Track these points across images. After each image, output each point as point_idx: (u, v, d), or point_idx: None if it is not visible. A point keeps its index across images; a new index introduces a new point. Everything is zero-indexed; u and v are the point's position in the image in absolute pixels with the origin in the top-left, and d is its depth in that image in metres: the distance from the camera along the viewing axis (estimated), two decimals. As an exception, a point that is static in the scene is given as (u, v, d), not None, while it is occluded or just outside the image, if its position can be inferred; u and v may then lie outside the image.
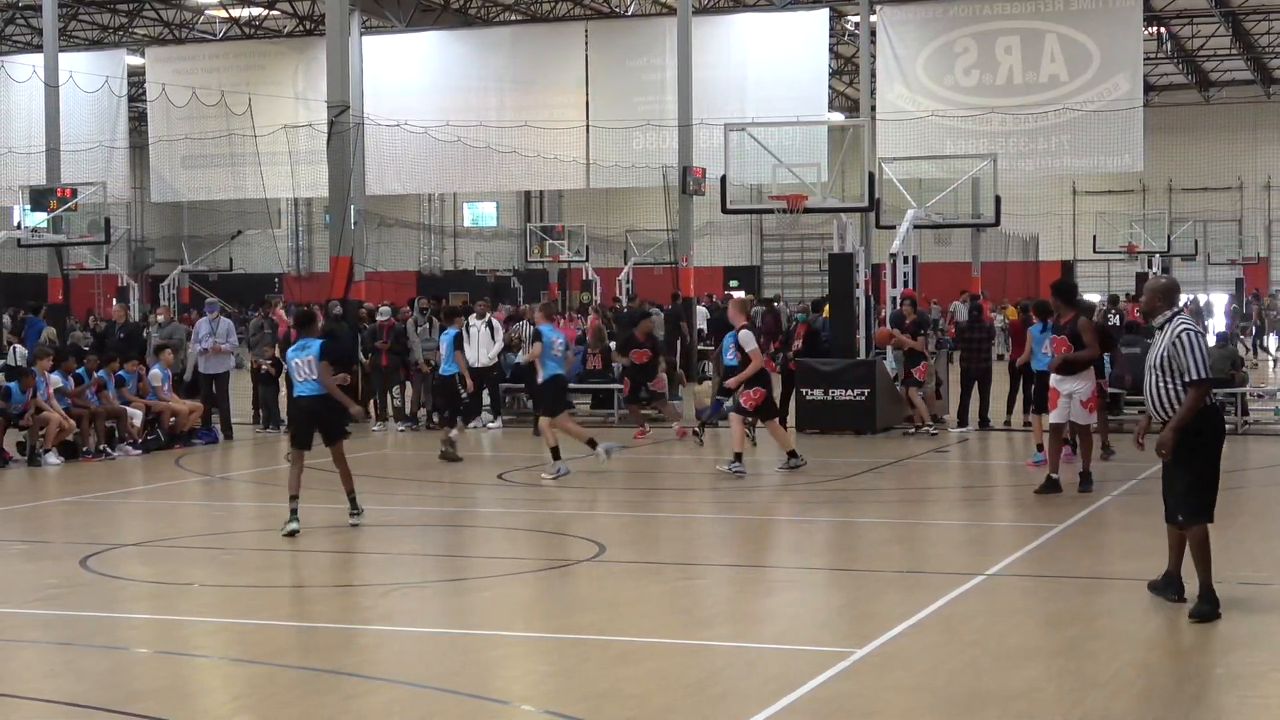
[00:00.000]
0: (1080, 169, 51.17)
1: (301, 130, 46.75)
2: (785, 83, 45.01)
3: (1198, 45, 61.85)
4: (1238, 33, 59.44)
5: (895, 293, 27.27)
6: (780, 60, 45.83)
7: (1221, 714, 8.92)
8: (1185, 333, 11.01)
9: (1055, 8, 46.48)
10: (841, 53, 59.63)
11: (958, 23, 47.22)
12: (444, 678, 9.74)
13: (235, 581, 13.49)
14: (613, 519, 17.39)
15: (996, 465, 22.44)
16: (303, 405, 16.20)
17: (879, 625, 11.02)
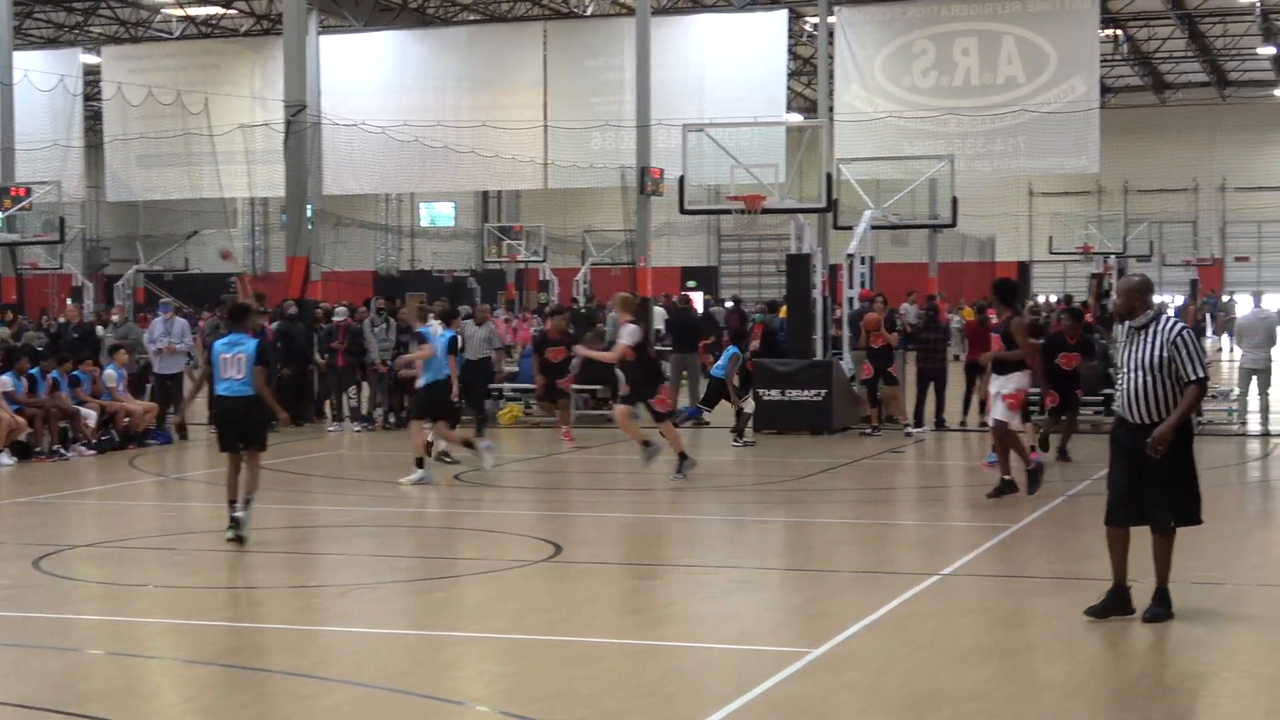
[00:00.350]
0: (1037, 170, 51.47)
1: (258, 130, 46.61)
2: (743, 83, 45.11)
3: (1154, 47, 62.21)
4: (1194, 35, 59.79)
5: (852, 293, 27.32)
6: (738, 61, 45.93)
7: (1174, 713, 8.96)
8: (1185, 332, 10.85)
9: (1013, 9, 46.69)
10: (800, 53, 59.74)
11: (915, 24, 47.39)
12: (398, 678, 9.72)
13: (189, 582, 13.42)
14: (568, 519, 17.37)
15: (952, 466, 22.51)
16: (230, 406, 15.03)
17: (834, 625, 11.04)
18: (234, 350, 14.93)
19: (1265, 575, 13.68)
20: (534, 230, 60.00)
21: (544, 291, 56.29)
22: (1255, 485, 20.15)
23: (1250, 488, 19.96)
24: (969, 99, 46.52)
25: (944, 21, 47.35)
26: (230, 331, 15.31)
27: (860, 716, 8.86)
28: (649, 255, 42.34)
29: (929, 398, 25.89)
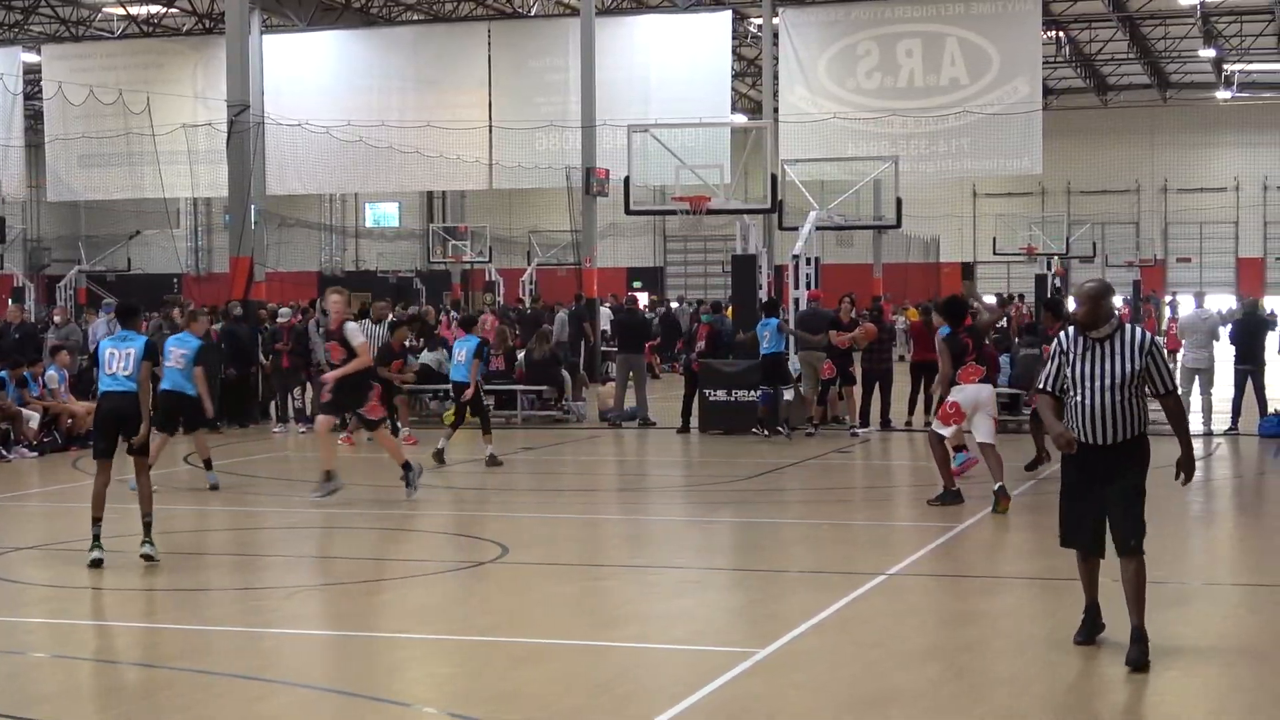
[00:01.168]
0: (980, 171, 51.66)
1: (201, 129, 46.32)
2: (688, 84, 45.14)
3: (1096, 49, 62.57)
4: (1135, 37, 60.19)
5: (798, 294, 27.40)
6: (683, 62, 45.95)
7: (1120, 710, 9.02)
8: (1155, 343, 10.07)
9: (956, 11, 46.87)
10: (744, 54, 59.84)
11: (859, 25, 47.54)
12: (346, 680, 9.69)
13: (134, 585, 13.33)
14: (516, 520, 17.34)
15: (897, 465, 22.58)
16: (112, 404, 14.43)
17: (782, 625, 11.06)
18: (124, 346, 14.40)
19: (1210, 574, 13.79)
20: (479, 231, 59.87)
21: (490, 292, 56.19)
22: (1198, 485, 20.28)
23: (1193, 488, 20.06)
24: (913, 100, 46.69)
25: (887, 23, 47.53)
26: (122, 329, 14.77)
27: (808, 716, 8.87)
28: (594, 256, 42.33)
29: (874, 398, 25.98)
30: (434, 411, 28.67)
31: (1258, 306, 30.16)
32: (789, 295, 27.82)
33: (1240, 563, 14.70)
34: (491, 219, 63.43)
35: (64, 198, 54.44)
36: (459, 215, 67.18)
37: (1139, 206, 70.92)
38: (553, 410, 28.26)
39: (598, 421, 27.91)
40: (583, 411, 28.53)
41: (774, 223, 36.95)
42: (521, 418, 27.89)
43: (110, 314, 26.53)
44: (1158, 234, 70.65)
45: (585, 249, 41.92)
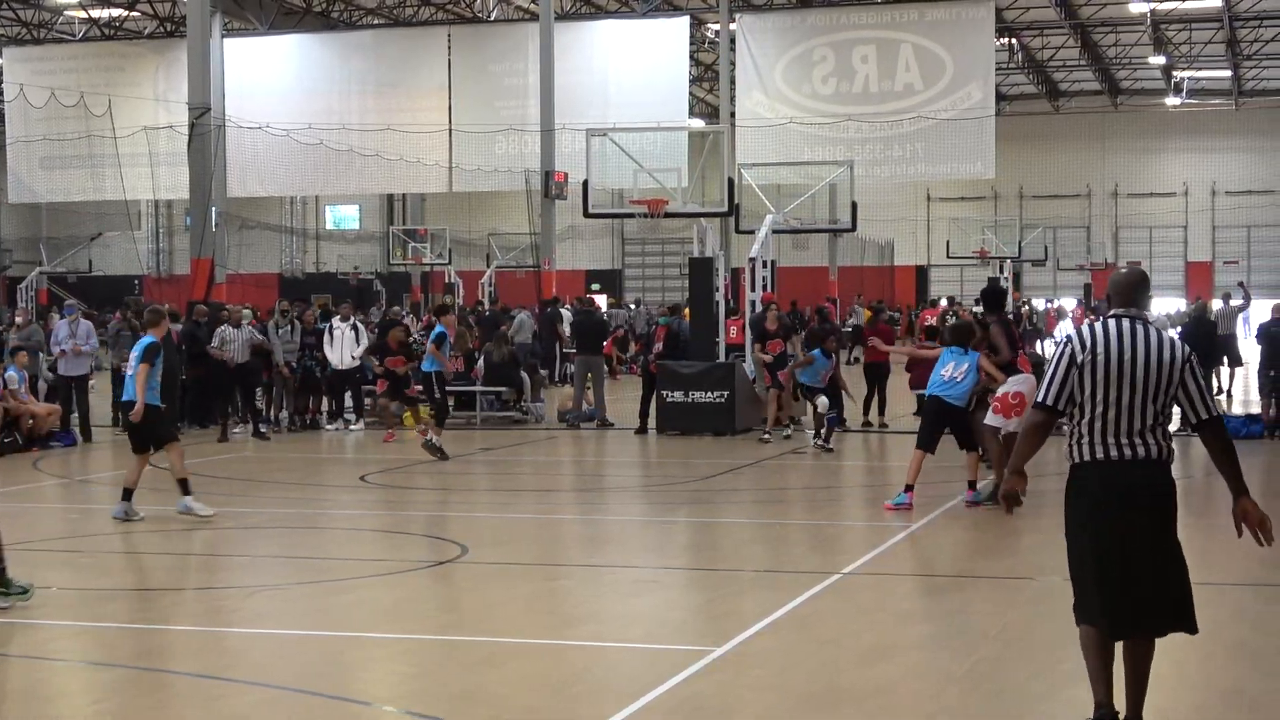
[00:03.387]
0: (934, 175, 51.89)
1: (162, 132, 46.24)
2: (646, 89, 45.24)
3: (1048, 56, 62.89)
4: (1086, 44, 60.50)
5: (754, 296, 27.46)
6: (641, 67, 46.06)
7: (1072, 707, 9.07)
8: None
9: (910, 18, 47.11)
10: (702, 60, 59.93)
11: (815, 32, 47.72)
12: (307, 679, 9.67)
13: (95, 584, 13.29)
14: (476, 520, 17.35)
15: (851, 466, 22.63)
16: None
17: (737, 624, 11.09)
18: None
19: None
20: (439, 233, 59.85)
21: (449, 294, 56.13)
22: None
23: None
24: (868, 105, 46.88)
25: (843, 29, 47.72)
26: None
27: (764, 714, 8.90)
28: (554, 258, 42.35)
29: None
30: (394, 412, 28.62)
31: (1206, 309, 30.41)
32: (745, 297, 27.87)
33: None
34: (451, 221, 63.39)
35: (25, 199, 54.22)
36: (419, 218, 67.09)
37: (1090, 211, 71.28)
38: (511, 411, 28.25)
39: (556, 422, 27.92)
40: (541, 412, 28.54)
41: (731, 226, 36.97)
42: (480, 419, 27.87)
43: (72, 315, 26.42)
44: (1108, 238, 71.02)
45: (544, 251, 41.94)
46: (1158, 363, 7.68)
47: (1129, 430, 7.68)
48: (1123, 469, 7.69)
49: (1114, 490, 7.69)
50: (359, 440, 26.10)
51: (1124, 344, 7.69)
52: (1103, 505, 7.70)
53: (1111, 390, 7.67)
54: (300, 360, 27.07)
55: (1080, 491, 7.79)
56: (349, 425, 27.20)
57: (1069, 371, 7.76)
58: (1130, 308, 7.87)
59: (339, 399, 27.67)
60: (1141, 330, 7.75)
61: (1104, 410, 7.67)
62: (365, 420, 27.69)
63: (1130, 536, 7.70)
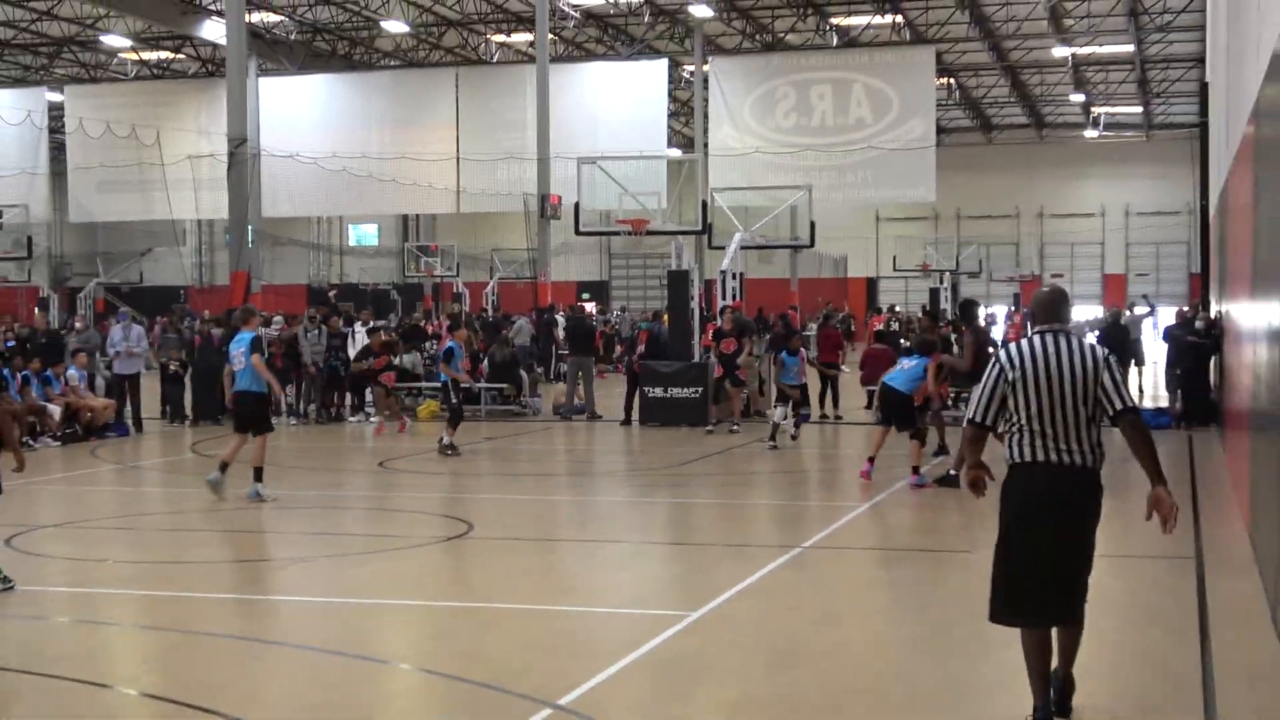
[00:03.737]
0: (882, 199, 51.93)
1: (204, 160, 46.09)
2: (630, 122, 45.19)
3: (982, 94, 63.00)
4: (1015, 84, 60.60)
5: (726, 303, 27.43)
6: (626, 103, 46.00)
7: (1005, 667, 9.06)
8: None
9: (862, 61, 47.21)
10: (678, 97, 59.92)
11: (779, 72, 47.80)
12: (332, 641, 9.64)
13: (145, 558, 13.25)
14: (481, 501, 17.32)
15: (809, 453, 22.62)
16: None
17: (711, 592, 11.07)
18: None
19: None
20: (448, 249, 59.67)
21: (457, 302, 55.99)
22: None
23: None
24: (824, 137, 46.92)
25: (803, 70, 47.78)
26: None
27: (735, 670, 8.89)
28: (549, 271, 42.29)
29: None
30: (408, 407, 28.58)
31: (1120, 316, 30.59)
32: (716, 305, 27.83)
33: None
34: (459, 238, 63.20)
35: (83, 219, 54.04)
36: (430, 235, 66.99)
37: (1019, 229, 71.31)
38: (512, 405, 28.20)
39: (551, 415, 27.88)
40: (538, 407, 28.49)
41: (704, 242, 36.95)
42: (484, 412, 27.81)
43: (125, 321, 26.35)
44: (1035, 253, 71.07)
45: (541, 265, 41.86)
46: (1080, 370, 7.35)
47: (1061, 437, 7.34)
48: (1052, 473, 7.35)
49: (1042, 492, 7.37)
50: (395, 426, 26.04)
51: (1049, 358, 7.38)
52: (1030, 504, 7.38)
53: (1042, 401, 7.34)
54: (326, 360, 27.01)
55: (1012, 490, 7.47)
56: (369, 418, 27.14)
57: (997, 388, 7.46)
58: (1053, 323, 7.58)
59: (360, 395, 27.61)
60: (1064, 343, 7.44)
61: (1037, 419, 7.35)
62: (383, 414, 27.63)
63: (1050, 534, 7.34)
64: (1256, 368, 12.69)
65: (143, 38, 50.12)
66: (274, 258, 60.41)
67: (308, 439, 24.88)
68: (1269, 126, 11.03)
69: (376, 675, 8.99)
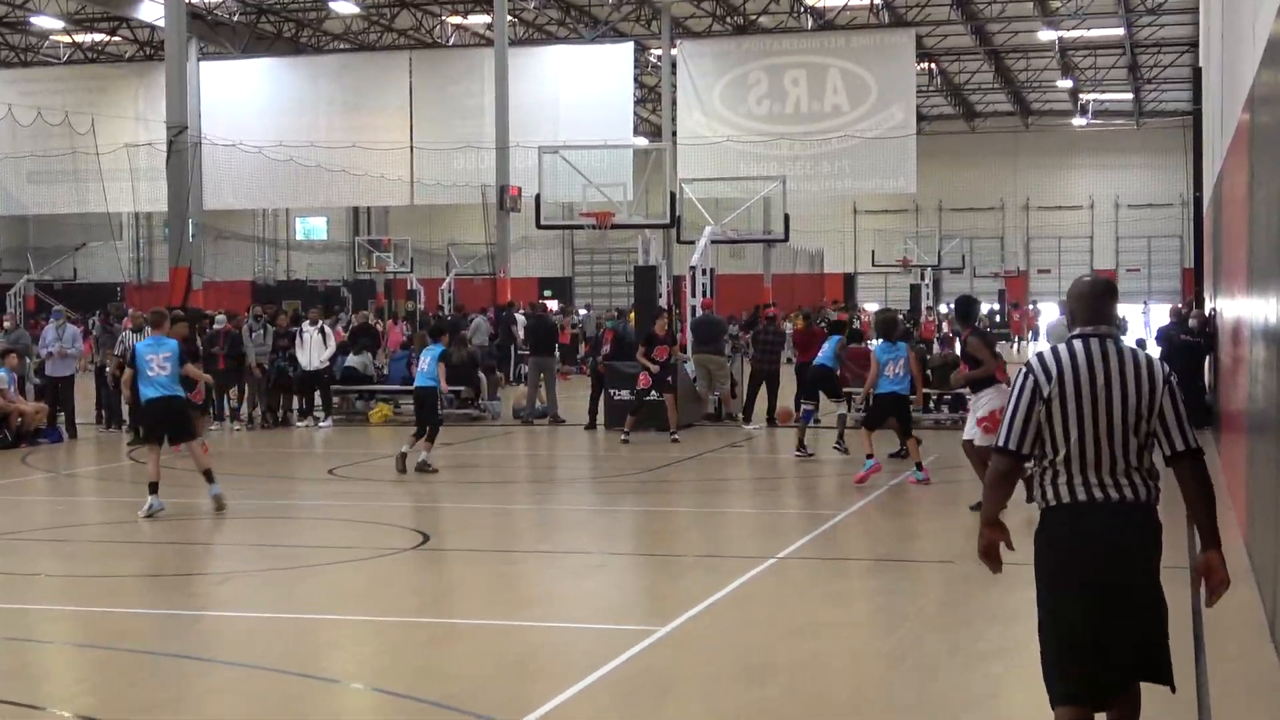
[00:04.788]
0: (860, 190, 52.13)
1: (142, 149, 45.98)
2: (594, 109, 45.23)
3: (964, 80, 63.23)
4: (1000, 69, 60.86)
5: (695, 302, 27.46)
6: (589, 89, 46.06)
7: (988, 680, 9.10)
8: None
9: (838, 44, 47.34)
10: (645, 82, 59.97)
11: (750, 56, 47.88)
12: (278, 659, 9.61)
13: (79, 571, 13.19)
14: (437, 510, 17.30)
15: (784, 459, 22.65)
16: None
17: (680, 605, 11.08)
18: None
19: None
20: (401, 243, 59.66)
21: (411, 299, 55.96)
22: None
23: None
24: (799, 125, 47.04)
25: (776, 54, 47.89)
26: None
27: (705, 686, 8.90)
28: (509, 267, 42.26)
29: (761, 396, 26.01)
30: (359, 410, 28.52)
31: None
32: (686, 303, 27.88)
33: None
34: (413, 232, 63.21)
35: (13, 211, 53.80)
36: (383, 229, 66.93)
37: (1004, 222, 71.68)
38: (470, 409, 28.16)
39: (511, 419, 27.86)
40: (497, 410, 28.46)
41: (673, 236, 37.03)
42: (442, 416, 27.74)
43: (59, 320, 26.22)
44: (1021, 247, 71.45)
45: (500, 260, 41.85)
46: (1136, 389, 6.06)
47: (1109, 469, 6.06)
48: (1100, 514, 6.04)
49: (1089, 539, 6.04)
50: (327, 436, 25.99)
51: (1095, 370, 6.07)
52: (1077, 556, 6.06)
53: (1086, 425, 6.05)
54: (273, 361, 26.92)
55: (1051, 540, 6.14)
56: (318, 422, 27.07)
57: (1033, 408, 6.12)
58: (1099, 324, 6.20)
59: (309, 398, 27.54)
60: (1114, 352, 6.11)
61: (1078, 448, 6.06)
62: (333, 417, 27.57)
63: (1107, 590, 6.03)
64: (1253, 367, 12.76)
65: (76, 19, 49.91)
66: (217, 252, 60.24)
67: (252, 444, 24.80)
68: (1265, 114, 11.10)
69: (325, 694, 8.97)
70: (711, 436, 24.51)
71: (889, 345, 18.24)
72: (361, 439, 25.49)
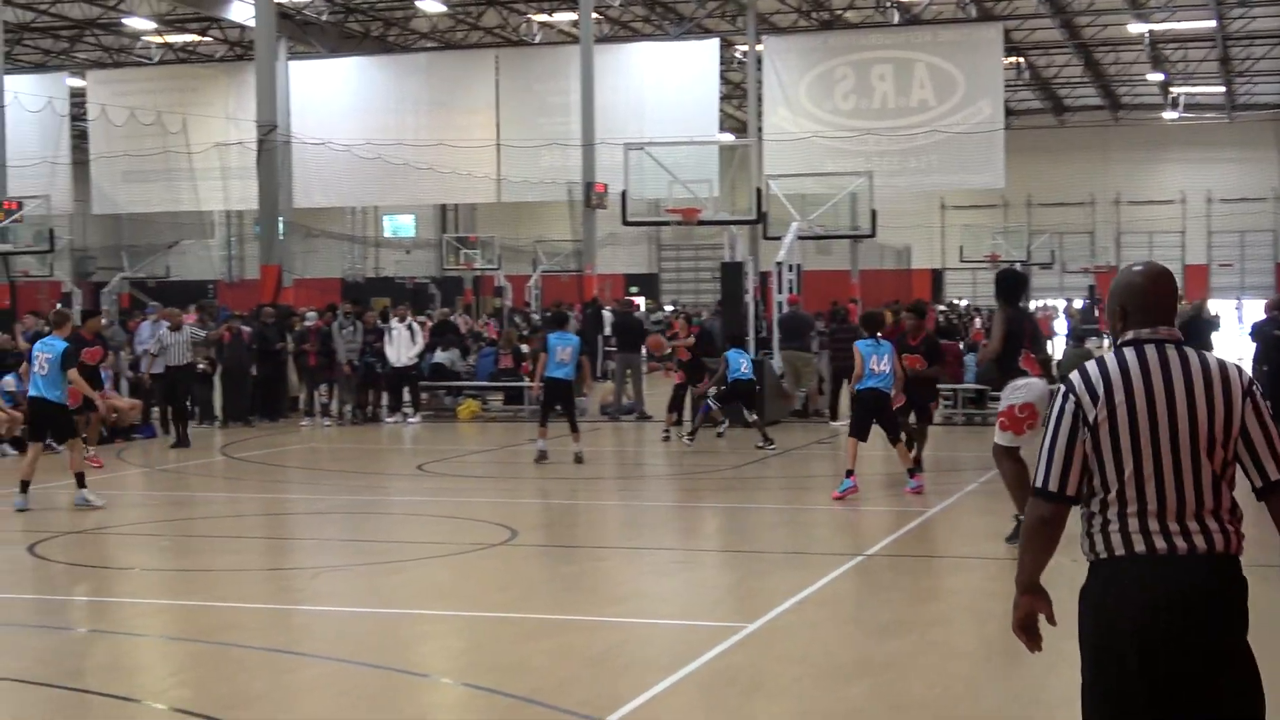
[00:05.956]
0: (947, 185, 51.83)
1: (233, 147, 46.42)
2: (680, 106, 45.19)
3: (1053, 74, 62.66)
4: (1089, 63, 60.24)
5: (781, 298, 27.41)
6: (675, 85, 46.01)
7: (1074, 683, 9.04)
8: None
9: (924, 39, 47.03)
10: (730, 79, 59.85)
11: (836, 52, 47.67)
12: (369, 653, 9.70)
13: (173, 566, 13.37)
14: (524, 505, 17.37)
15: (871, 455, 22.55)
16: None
17: (766, 602, 11.08)
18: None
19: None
20: (488, 240, 59.90)
21: (498, 297, 56.19)
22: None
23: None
24: (885, 120, 46.75)
25: (862, 50, 47.63)
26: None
27: (791, 685, 8.89)
28: (595, 263, 42.35)
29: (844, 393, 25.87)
30: (447, 406, 28.69)
31: (1202, 309, 30.33)
32: (773, 299, 27.82)
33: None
34: (500, 229, 63.44)
35: (108, 210, 54.47)
36: (470, 226, 67.19)
37: (1094, 217, 70.97)
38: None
39: (599, 415, 27.92)
40: (585, 406, 28.52)
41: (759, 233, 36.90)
42: (529, 412, 27.87)
43: (154, 316, 26.55)
44: (1111, 242, 70.71)
45: (586, 257, 41.94)
46: (1208, 406, 4.72)
47: (1176, 512, 4.70)
48: (1167, 570, 4.68)
49: (1158, 603, 4.65)
50: (416, 432, 26.17)
51: (1153, 385, 4.74)
52: (1140, 628, 4.66)
53: (1144, 456, 4.72)
54: (361, 357, 27.14)
55: (1100, 605, 4.82)
56: (407, 418, 27.27)
57: (1075, 436, 4.79)
58: (1157, 326, 4.87)
59: (397, 394, 27.75)
60: (1178, 359, 4.79)
61: (1135, 486, 4.73)
62: (422, 413, 27.76)
63: (1175, 682, 4.64)
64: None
65: (167, 20, 50.48)
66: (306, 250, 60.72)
67: (341, 440, 25.03)
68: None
69: (415, 689, 9.04)
70: (798, 433, 24.45)
71: (873, 342, 17.16)
72: (449, 434, 25.67)
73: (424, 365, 28.16)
